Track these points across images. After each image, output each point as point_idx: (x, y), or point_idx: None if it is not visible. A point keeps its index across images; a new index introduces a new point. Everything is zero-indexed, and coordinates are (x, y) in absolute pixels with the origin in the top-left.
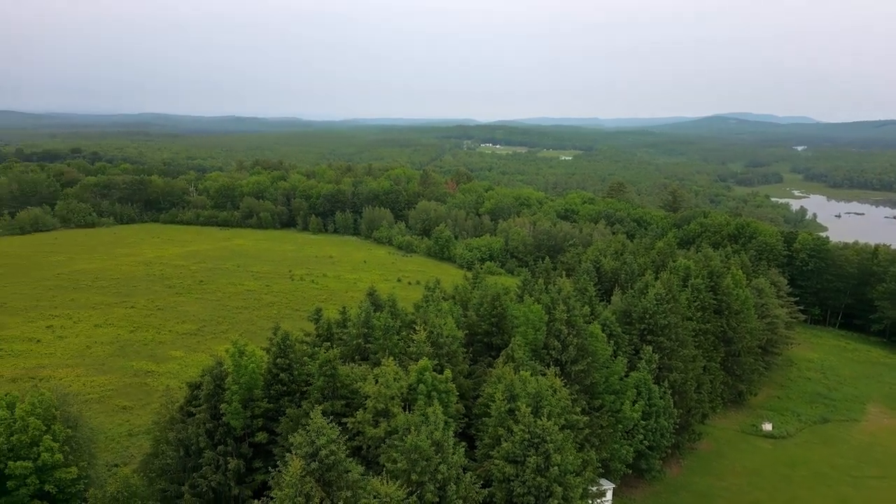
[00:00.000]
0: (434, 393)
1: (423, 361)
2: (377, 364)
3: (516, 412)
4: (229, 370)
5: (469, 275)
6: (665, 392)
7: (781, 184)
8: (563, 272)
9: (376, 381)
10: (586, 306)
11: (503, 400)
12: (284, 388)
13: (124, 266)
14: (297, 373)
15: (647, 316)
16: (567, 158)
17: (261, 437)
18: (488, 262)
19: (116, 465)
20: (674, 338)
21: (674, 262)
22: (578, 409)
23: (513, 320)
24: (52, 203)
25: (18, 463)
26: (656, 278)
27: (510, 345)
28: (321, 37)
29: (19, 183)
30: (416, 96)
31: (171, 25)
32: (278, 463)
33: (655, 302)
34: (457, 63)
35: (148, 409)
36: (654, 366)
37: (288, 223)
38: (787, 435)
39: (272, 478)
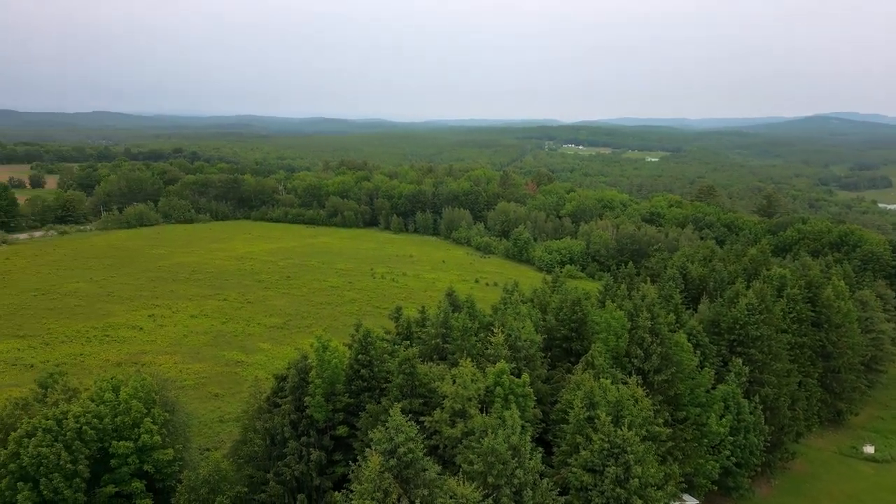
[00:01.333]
0: (511, 396)
1: (501, 364)
2: (455, 364)
3: (595, 420)
4: (313, 364)
5: (548, 278)
6: (756, 407)
7: (891, 189)
8: (647, 278)
9: (454, 382)
10: (671, 314)
11: (582, 407)
12: (365, 383)
13: (218, 260)
14: (377, 369)
15: (738, 326)
16: (653, 160)
17: (342, 430)
18: (568, 266)
19: (208, 449)
20: (766, 350)
21: (768, 270)
22: (661, 421)
23: (593, 326)
24: (156, 199)
25: (121, 443)
26: (748, 287)
27: (590, 351)
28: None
29: (127, 181)
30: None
31: (267, 31)
32: (358, 457)
33: (747, 312)
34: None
35: (237, 398)
36: (744, 379)
37: (370, 222)
38: (892, 459)
39: (352, 471)
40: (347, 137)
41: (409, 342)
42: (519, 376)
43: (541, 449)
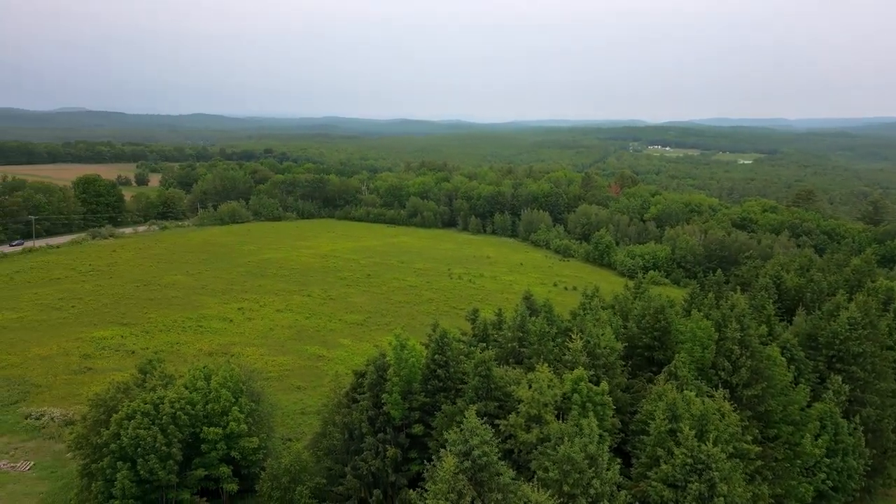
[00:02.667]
0: (589, 404)
1: (579, 371)
2: (531, 369)
3: (678, 434)
4: (391, 362)
5: (630, 284)
6: (856, 428)
7: None
8: (737, 287)
9: (530, 387)
10: (763, 326)
11: (664, 419)
12: (441, 384)
13: (303, 257)
14: (453, 370)
15: (837, 342)
16: (746, 162)
17: (417, 429)
18: (652, 272)
19: (290, 440)
20: (869, 368)
21: (873, 282)
22: (749, 438)
23: (678, 335)
24: (247, 198)
25: (211, 429)
26: (850, 300)
27: (673, 361)
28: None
29: (221, 179)
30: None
31: (356, 37)
32: (433, 457)
33: (848, 326)
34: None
35: (318, 391)
36: (844, 398)
37: (449, 223)
38: None
39: (426, 470)
40: (429, 138)
41: (485, 344)
42: (597, 384)
43: (619, 460)
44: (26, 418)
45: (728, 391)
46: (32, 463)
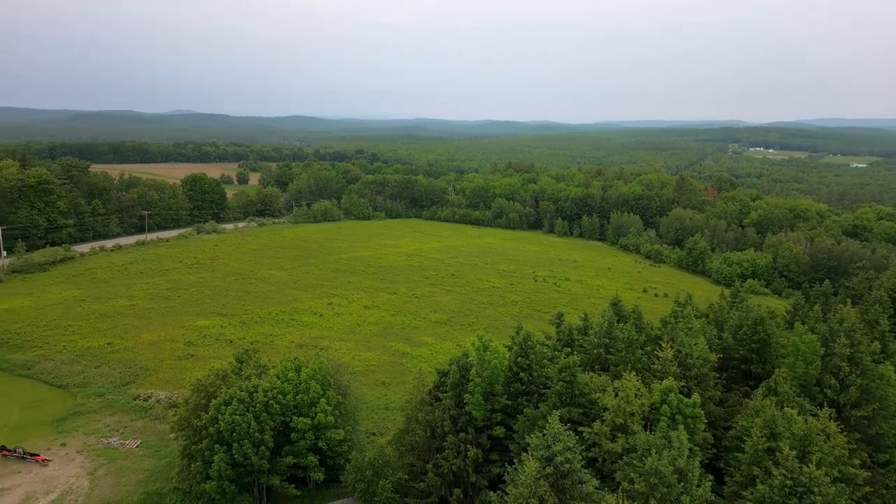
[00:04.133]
0: (679, 416)
1: (669, 381)
2: (618, 377)
3: (777, 453)
4: (474, 363)
5: (727, 292)
6: None
7: None
8: (847, 299)
9: (616, 395)
10: (876, 342)
11: (761, 436)
12: (523, 387)
13: (390, 256)
14: (536, 374)
15: None
16: (860, 166)
17: (499, 431)
18: (751, 280)
19: (374, 434)
20: None
21: None
22: (857, 462)
23: (778, 349)
24: (339, 197)
25: (300, 419)
26: None
27: (773, 376)
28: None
29: (315, 179)
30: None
31: (444, 40)
32: (514, 460)
33: None
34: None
35: (402, 388)
36: None
37: (535, 225)
38: None
39: (507, 473)
40: (516, 139)
41: (569, 349)
42: (689, 396)
43: (710, 476)
44: (135, 399)
45: (834, 411)
46: (139, 441)
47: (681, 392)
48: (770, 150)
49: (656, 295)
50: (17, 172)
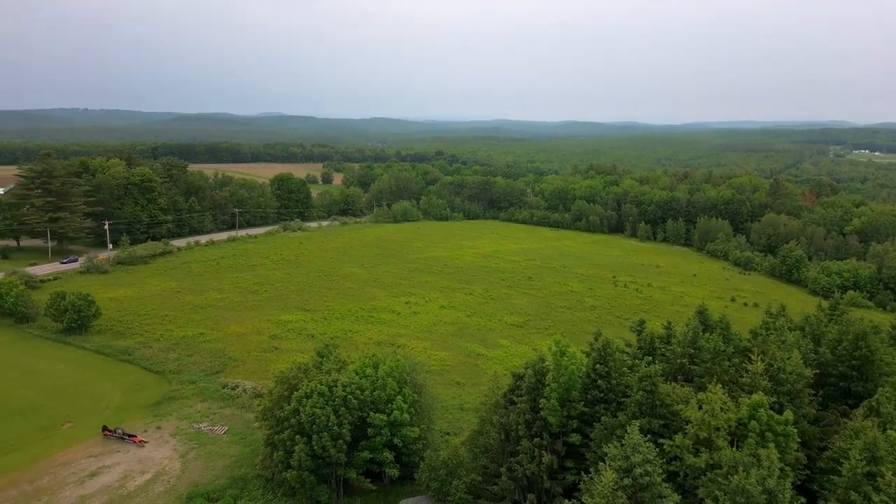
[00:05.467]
0: (769, 434)
1: (759, 396)
2: (702, 389)
3: (878, 478)
4: (550, 367)
5: (825, 304)
6: None
7: None
8: None
9: (700, 407)
10: None
11: (860, 459)
12: (601, 395)
13: (467, 257)
14: (614, 382)
15: None
16: None
17: (575, 438)
18: (852, 292)
19: (448, 434)
20: None
21: None
22: None
23: (883, 366)
24: (418, 198)
25: (377, 415)
26: None
27: (876, 395)
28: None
29: (396, 180)
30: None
31: (525, 40)
32: (590, 469)
33: None
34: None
35: (477, 389)
36: None
37: (616, 228)
38: None
39: (583, 482)
40: (598, 141)
41: (651, 358)
42: (780, 412)
43: (803, 499)
44: (224, 388)
45: None
46: (227, 428)
47: (771, 408)
48: (876, 153)
49: (745, 304)
50: (124, 171)
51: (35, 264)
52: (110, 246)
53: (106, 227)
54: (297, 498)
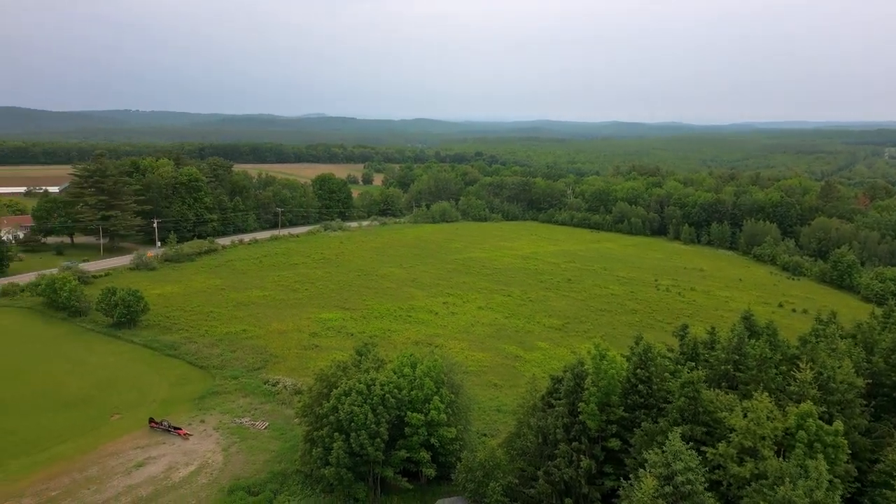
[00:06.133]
0: (818, 444)
1: (807, 405)
2: (747, 396)
3: None
4: (589, 371)
5: (879, 311)
6: None
7: None
8: None
9: (745, 415)
10: None
11: None
12: (642, 400)
13: (506, 258)
14: (656, 387)
15: None
16: None
17: (614, 443)
18: None
19: (485, 435)
20: None
21: None
22: None
23: None
24: (457, 198)
25: (414, 414)
26: None
27: None
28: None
29: (435, 181)
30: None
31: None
32: (630, 475)
33: None
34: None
35: (514, 391)
36: None
37: (658, 231)
38: None
39: (623, 488)
40: (641, 141)
41: (693, 364)
42: (830, 423)
43: None
44: (265, 384)
45: None
46: (268, 423)
47: (820, 418)
48: None
49: (794, 310)
50: (172, 171)
51: (87, 260)
52: (158, 243)
53: (154, 225)
54: (336, 495)
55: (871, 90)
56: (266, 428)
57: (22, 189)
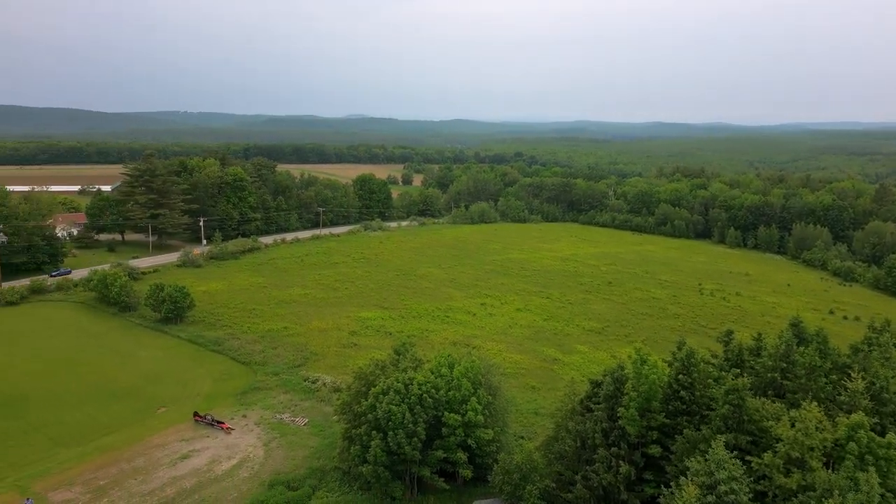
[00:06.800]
0: (869, 457)
1: (859, 416)
2: (795, 405)
3: None
4: (629, 376)
5: None
6: None
7: None
8: None
9: (792, 425)
10: None
11: None
12: (684, 406)
13: (545, 260)
14: (698, 394)
15: None
16: None
17: (654, 449)
18: None
19: (522, 438)
20: None
21: None
22: None
23: None
24: (496, 199)
25: (451, 415)
26: None
27: None
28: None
29: (474, 181)
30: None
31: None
32: (671, 483)
33: None
34: None
35: (552, 394)
36: None
37: (702, 234)
38: None
39: (663, 496)
40: (685, 142)
41: (738, 371)
42: (883, 435)
43: None
44: (305, 381)
45: None
46: (307, 420)
47: (873, 429)
48: None
49: (846, 318)
50: (218, 171)
51: (137, 257)
52: (204, 241)
53: (201, 223)
54: (373, 492)
55: None
56: (306, 424)
57: (76, 188)
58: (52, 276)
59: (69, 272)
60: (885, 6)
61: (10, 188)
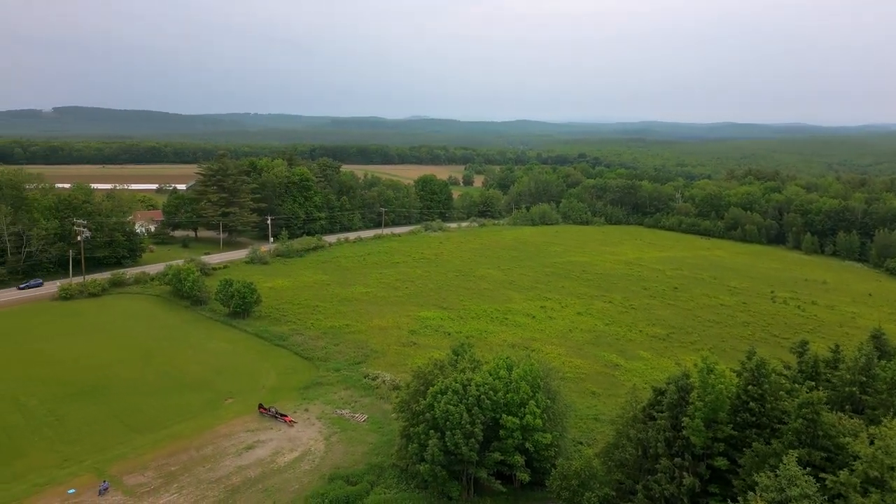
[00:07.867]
0: None
1: None
2: (875, 422)
3: None
4: (695, 384)
5: None
6: None
7: None
8: None
9: (872, 443)
10: None
11: None
12: (753, 418)
13: (607, 263)
14: (769, 406)
15: None
16: None
17: (720, 462)
18: None
19: (581, 443)
20: None
21: None
22: None
23: None
24: (558, 201)
25: (509, 417)
26: None
27: None
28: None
29: (536, 182)
30: None
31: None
32: (738, 497)
33: None
34: None
35: (613, 400)
36: None
37: (776, 239)
38: None
39: None
40: (758, 143)
41: (813, 383)
42: None
43: None
44: (365, 378)
45: None
46: (366, 416)
47: None
48: None
49: None
50: (285, 171)
51: (209, 254)
52: (271, 239)
53: (268, 221)
54: (430, 491)
55: None
56: (365, 421)
57: (154, 186)
58: (20, 288)
59: (40, 284)
60: None
61: (94, 186)
